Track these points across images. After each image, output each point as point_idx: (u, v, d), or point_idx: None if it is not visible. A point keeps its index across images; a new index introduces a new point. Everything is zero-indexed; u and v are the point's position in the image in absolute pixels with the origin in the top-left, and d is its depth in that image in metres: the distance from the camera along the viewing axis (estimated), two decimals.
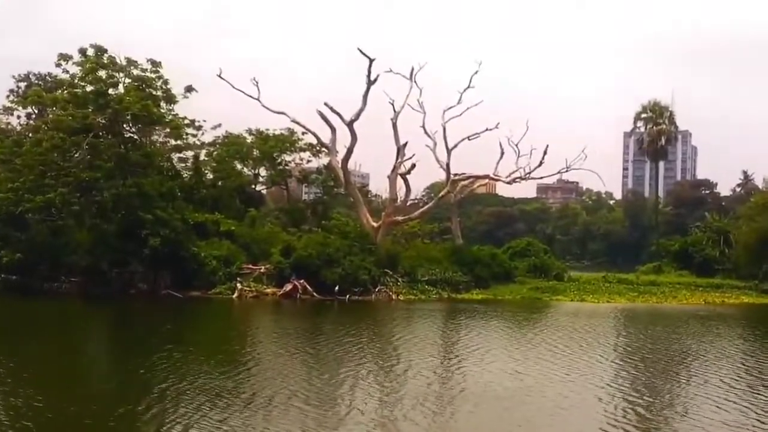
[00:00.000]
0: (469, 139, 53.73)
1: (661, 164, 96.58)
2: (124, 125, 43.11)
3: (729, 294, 49.19)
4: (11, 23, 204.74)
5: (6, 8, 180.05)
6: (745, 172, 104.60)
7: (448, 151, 52.45)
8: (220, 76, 47.16)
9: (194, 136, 50.10)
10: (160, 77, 43.97)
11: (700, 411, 15.08)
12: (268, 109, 48.73)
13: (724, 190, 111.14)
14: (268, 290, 40.23)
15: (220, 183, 53.23)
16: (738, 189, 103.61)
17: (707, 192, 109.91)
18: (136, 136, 44.12)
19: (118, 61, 43.15)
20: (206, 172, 53.81)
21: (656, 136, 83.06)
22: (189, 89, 45.82)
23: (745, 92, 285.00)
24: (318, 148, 56.52)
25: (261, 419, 13.55)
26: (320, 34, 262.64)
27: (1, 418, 13.20)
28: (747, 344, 27.12)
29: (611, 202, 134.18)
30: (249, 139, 58.57)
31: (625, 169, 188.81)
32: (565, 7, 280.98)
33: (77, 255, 40.26)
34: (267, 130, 58.60)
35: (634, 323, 34.08)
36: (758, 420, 14.38)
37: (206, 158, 54.68)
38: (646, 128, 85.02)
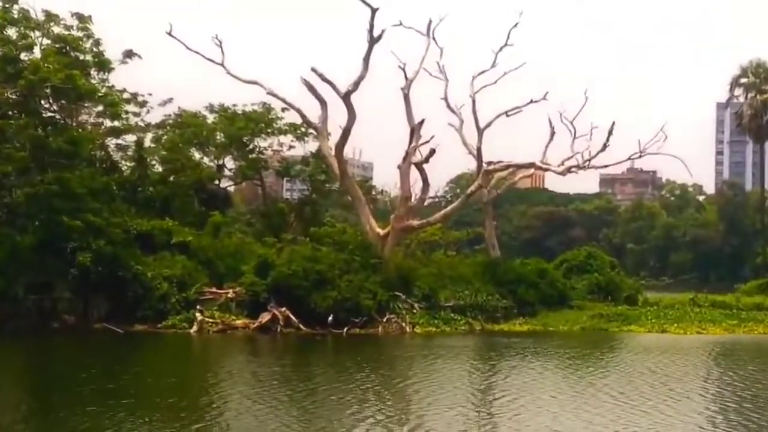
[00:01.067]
0: (507, 115, 54.31)
1: None
2: (42, 101, 43.11)
3: None
4: None
5: None
6: None
7: (480, 132, 52.93)
8: (170, 34, 47.03)
9: (137, 115, 50.53)
10: (89, 37, 44.07)
11: None
12: (235, 77, 48.85)
13: None
14: (239, 322, 40.10)
15: (172, 178, 53.17)
16: None
17: None
18: (58, 116, 44.16)
19: (32, 15, 43.26)
20: (153, 163, 53.94)
21: (761, 107, 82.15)
22: (129, 54, 46.12)
23: None
24: (304, 129, 56.73)
25: None
26: None
27: None
28: None
29: (701, 198, 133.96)
30: (210, 118, 58.84)
31: (719, 153, 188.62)
32: None
33: None
34: (235, 106, 58.94)
35: (735, 362, 33.59)
36: None
37: (153, 145, 54.70)
38: (746, 97, 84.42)
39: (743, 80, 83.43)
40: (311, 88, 47.56)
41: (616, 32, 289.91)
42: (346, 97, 47.02)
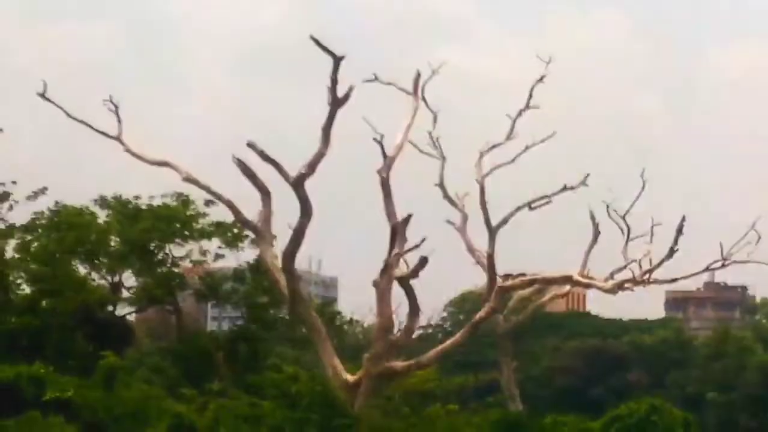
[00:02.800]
0: (530, 208, 54.99)
1: None
2: None
3: None
4: None
5: None
6: None
7: (492, 232, 53.29)
8: (42, 96, 47.72)
9: None
10: None
11: None
12: (138, 157, 49.39)
13: None
14: None
15: (45, 303, 53.26)
16: None
17: None
18: None
19: None
20: (19, 282, 53.82)
21: None
22: None
23: None
24: (237, 230, 56.92)
25: None
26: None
27: None
28: None
29: None
30: (102, 216, 59.45)
31: None
32: None
33: None
34: (137, 199, 59.67)
35: None
36: None
37: (18, 256, 55.02)
38: None
39: None
40: (248, 173, 47.97)
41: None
42: (298, 185, 46.99)
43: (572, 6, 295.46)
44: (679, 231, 51.96)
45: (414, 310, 51.28)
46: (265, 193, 48.41)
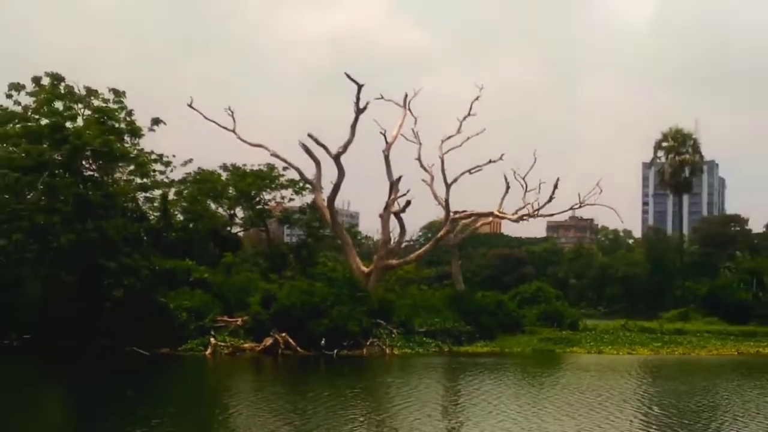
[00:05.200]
0: (470, 173, 54.46)
1: (685, 198, 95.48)
2: (84, 162, 42.76)
3: (765, 343, 49.04)
4: None
5: None
6: None
7: (447, 186, 52.83)
8: (190, 106, 47.68)
9: (162, 173, 50.14)
10: (123, 108, 44.04)
11: None
12: (244, 141, 49.35)
13: (757, 226, 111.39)
14: (246, 345, 39.56)
15: (191, 225, 52.91)
16: None
17: (737, 229, 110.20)
18: (96, 175, 43.71)
19: (76, 90, 43.34)
20: (176, 213, 53.60)
21: (678, 166, 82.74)
22: (156, 121, 45.94)
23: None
24: (301, 185, 56.70)
25: None
26: (304, 56, 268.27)
27: None
28: None
29: (630, 241, 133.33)
30: (224, 176, 58.58)
31: (645, 204, 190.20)
32: (583, 27, 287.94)
33: (30, 308, 39.31)
34: (244, 165, 58.76)
35: (659, 377, 34.01)
36: None
37: (176, 198, 54.42)
38: (667, 158, 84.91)
39: (664, 144, 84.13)
40: (307, 151, 47.89)
41: (566, 96, 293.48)
42: (336, 158, 47.31)
43: (504, 50, 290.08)
44: (555, 186, 51.79)
45: (402, 231, 51.87)
46: (317, 163, 48.68)
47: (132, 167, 45.86)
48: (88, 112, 43.11)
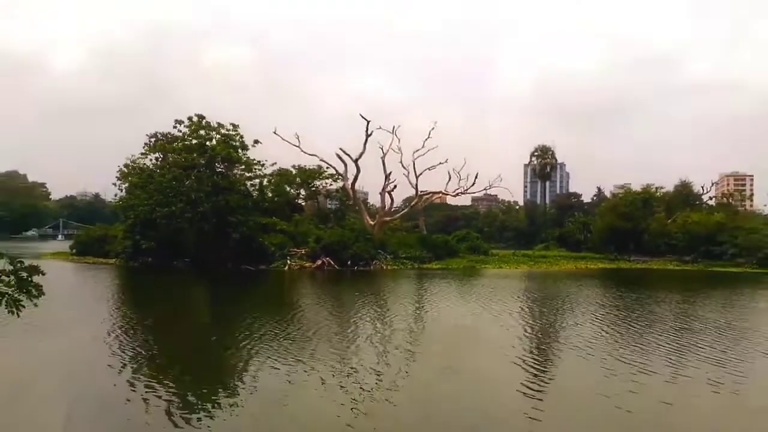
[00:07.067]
0: (429, 170, 54.01)
1: (547, 183, 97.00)
2: (216, 164, 42.70)
3: (590, 262, 49.73)
4: (145, 102, 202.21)
5: (141, 95, 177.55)
6: (598, 188, 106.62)
7: (416, 177, 52.80)
8: (275, 133, 47.68)
9: (260, 170, 49.40)
10: (237, 133, 43.70)
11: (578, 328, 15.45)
12: (305, 152, 49.77)
13: (586, 198, 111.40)
14: (307, 264, 39.75)
15: (276, 199, 52.44)
16: (594, 198, 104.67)
17: (576, 200, 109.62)
18: (224, 171, 43.63)
19: (212, 123, 43.22)
20: (267, 192, 53.11)
21: (543, 166, 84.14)
22: (256, 141, 45.66)
23: (596, 139, 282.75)
24: (337, 176, 56.25)
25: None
26: (333, 110, 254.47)
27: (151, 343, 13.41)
28: (603, 289, 27.54)
29: (517, 207, 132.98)
30: (294, 171, 57.78)
31: (525, 186, 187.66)
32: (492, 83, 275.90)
33: (189, 245, 39.81)
34: (305, 165, 57.90)
35: (532, 279, 34.42)
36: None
37: (267, 183, 53.60)
38: (537, 161, 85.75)
39: (536, 153, 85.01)
40: (339, 157, 48.15)
41: (481, 124, 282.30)
42: (355, 161, 47.56)
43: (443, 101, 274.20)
44: (476, 177, 52.80)
45: (392, 202, 51.70)
46: (345, 164, 48.49)
47: (243, 167, 45.27)
48: (218, 136, 42.86)
